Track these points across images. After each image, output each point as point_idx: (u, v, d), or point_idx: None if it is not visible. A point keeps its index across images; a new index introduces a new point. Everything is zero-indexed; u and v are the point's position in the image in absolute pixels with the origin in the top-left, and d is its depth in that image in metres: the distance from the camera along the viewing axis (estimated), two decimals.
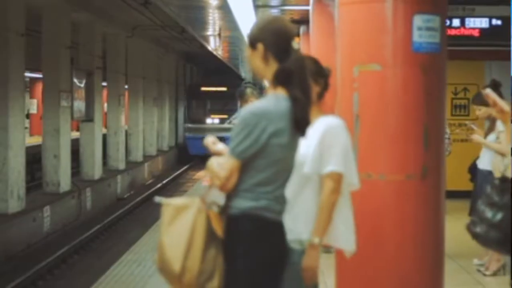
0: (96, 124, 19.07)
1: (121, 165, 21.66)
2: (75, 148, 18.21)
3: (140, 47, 24.12)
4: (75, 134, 20.40)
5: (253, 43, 3.04)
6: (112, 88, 21.85)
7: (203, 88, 31.78)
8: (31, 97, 29.47)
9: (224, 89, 31.03)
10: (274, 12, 14.64)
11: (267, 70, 3.02)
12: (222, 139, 20.71)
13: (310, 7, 10.07)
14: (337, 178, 3.36)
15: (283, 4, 13.62)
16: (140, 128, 24.93)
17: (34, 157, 14.72)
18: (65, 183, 16.28)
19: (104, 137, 20.79)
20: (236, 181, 2.93)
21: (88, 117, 18.52)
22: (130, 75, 23.85)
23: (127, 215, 18.29)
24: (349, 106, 4.23)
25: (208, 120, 30.57)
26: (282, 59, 2.98)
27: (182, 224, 2.95)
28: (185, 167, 28.70)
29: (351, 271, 4.26)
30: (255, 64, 3.05)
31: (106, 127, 21.76)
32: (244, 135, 2.90)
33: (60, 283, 11.91)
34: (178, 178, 26.07)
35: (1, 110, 13.19)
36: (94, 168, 18.79)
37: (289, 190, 3.16)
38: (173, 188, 23.26)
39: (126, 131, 23.22)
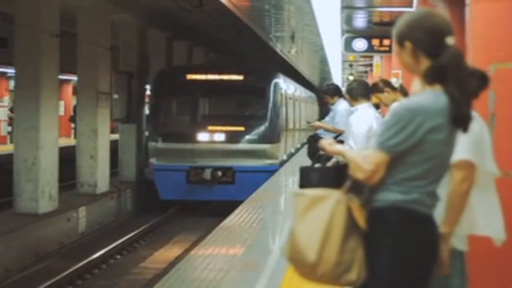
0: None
1: None
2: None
3: (184, 48, 24.05)
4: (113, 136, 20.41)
5: (400, 41, 2.98)
6: None
7: (191, 76, 18.35)
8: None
9: (238, 77, 18.30)
10: (360, 14, 14.22)
11: (417, 68, 2.96)
12: (226, 172, 18.30)
13: (413, 10, 9.76)
14: (466, 166, 3.31)
15: (371, 6, 13.30)
16: None
17: (62, 158, 14.83)
18: (103, 184, 16.33)
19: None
20: (383, 176, 2.86)
21: (130, 119, 18.54)
22: None
23: (174, 216, 18.08)
24: (484, 104, 4.20)
25: (201, 136, 17.46)
26: (435, 56, 2.90)
27: (318, 214, 2.88)
28: None
29: (485, 271, 4.24)
30: (405, 61, 3.00)
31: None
32: (397, 129, 2.83)
33: (100, 283, 11.77)
34: None
35: (32, 110, 13.28)
36: (135, 170, 18.77)
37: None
38: None
39: None
